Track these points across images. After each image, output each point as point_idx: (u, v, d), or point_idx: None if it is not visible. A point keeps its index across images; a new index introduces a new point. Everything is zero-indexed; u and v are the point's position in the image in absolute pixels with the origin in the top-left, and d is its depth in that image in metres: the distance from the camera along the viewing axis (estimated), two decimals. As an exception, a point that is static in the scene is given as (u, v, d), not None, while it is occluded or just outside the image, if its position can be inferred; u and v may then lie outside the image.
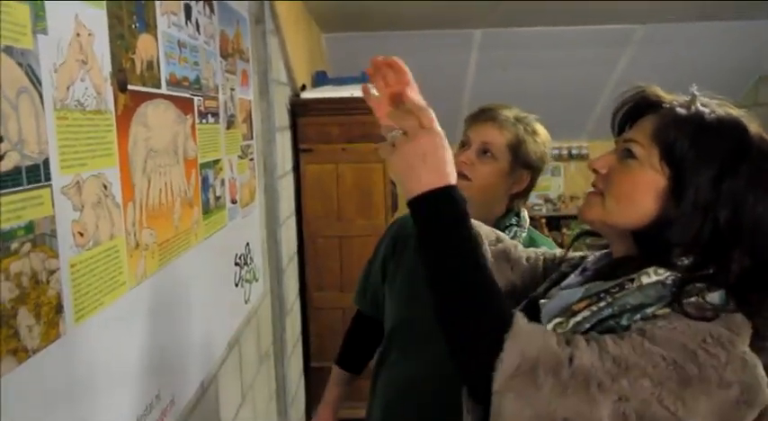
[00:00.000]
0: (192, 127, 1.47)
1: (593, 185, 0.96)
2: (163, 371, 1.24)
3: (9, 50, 0.75)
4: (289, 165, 3.05)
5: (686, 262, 0.87)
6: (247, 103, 2.10)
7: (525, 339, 0.82)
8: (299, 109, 3.07)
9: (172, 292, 1.31)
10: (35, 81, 0.81)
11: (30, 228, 0.78)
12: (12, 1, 0.76)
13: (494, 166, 1.46)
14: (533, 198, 6.21)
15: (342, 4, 3.74)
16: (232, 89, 1.88)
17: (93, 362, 0.95)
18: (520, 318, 0.83)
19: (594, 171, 0.96)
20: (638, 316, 0.86)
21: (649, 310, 0.86)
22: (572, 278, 1.00)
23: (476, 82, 5.14)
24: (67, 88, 0.89)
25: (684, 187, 0.87)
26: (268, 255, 2.45)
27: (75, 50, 0.92)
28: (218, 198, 1.69)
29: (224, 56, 1.79)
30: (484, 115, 1.49)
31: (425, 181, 0.87)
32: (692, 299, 0.85)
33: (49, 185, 0.83)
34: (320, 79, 3.77)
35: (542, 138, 1.50)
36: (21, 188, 0.76)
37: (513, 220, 1.51)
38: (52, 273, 0.83)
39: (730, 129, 0.89)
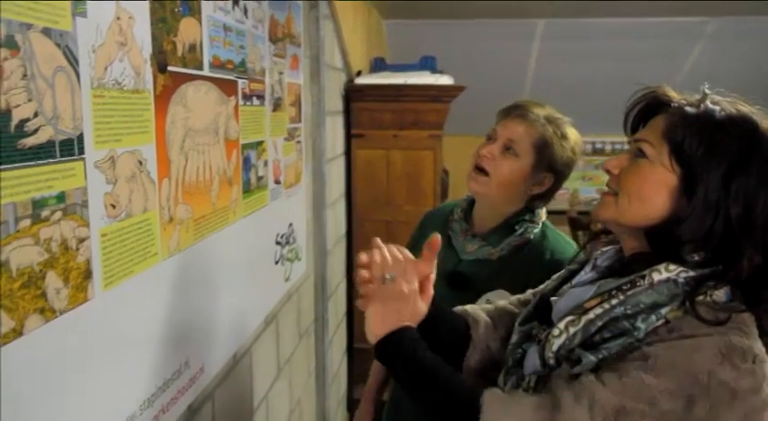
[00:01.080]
0: (235, 108, 1.52)
1: (607, 185, 0.97)
2: (193, 340, 1.30)
3: (47, 31, 0.80)
4: (340, 149, 3.09)
5: (697, 258, 0.87)
6: (297, 87, 2.14)
7: (496, 418, 0.87)
8: (352, 94, 3.11)
9: (206, 266, 1.36)
10: (72, 60, 0.86)
11: (61, 197, 0.84)
12: (52, -15, 0.81)
13: (515, 164, 1.45)
14: (594, 193, 6.09)
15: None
16: (280, 73, 1.93)
17: (121, 326, 1.01)
18: (487, 402, 0.88)
19: (608, 171, 0.96)
20: (653, 317, 0.86)
21: (663, 311, 0.86)
22: (582, 275, 1.00)
23: (537, 72, 5.08)
24: (105, 68, 0.94)
25: (695, 185, 0.87)
26: (313, 237, 2.50)
27: (115, 33, 0.97)
28: (260, 178, 1.74)
29: (273, 40, 1.83)
30: (514, 111, 1.48)
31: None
32: (701, 297, 0.85)
33: (83, 159, 0.88)
34: (378, 65, 3.78)
35: (571, 143, 1.47)
36: (53, 160, 0.82)
37: (527, 216, 1.49)
38: (82, 240, 0.89)
39: (740, 127, 0.88)
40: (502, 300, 1.25)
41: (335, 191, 2.99)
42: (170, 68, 1.16)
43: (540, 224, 1.52)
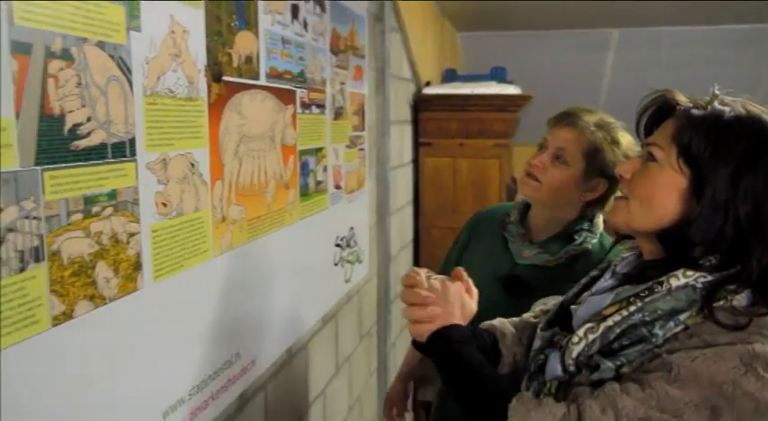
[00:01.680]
0: (293, 116, 1.57)
1: (620, 190, 0.95)
2: (245, 333, 1.35)
3: (101, 44, 0.87)
4: (408, 157, 3.12)
5: (713, 262, 0.85)
6: (360, 97, 2.18)
7: None
8: (420, 104, 3.14)
9: (260, 264, 1.42)
10: (125, 70, 0.92)
11: (112, 195, 0.90)
12: (108, 2, 0.88)
13: (565, 172, 1.42)
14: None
15: (476, 5, 3.75)
16: (342, 83, 1.97)
17: (170, 315, 1.07)
18: (515, 407, 0.89)
19: (620, 176, 0.94)
20: (671, 324, 0.84)
21: (682, 317, 0.84)
22: (602, 282, 0.99)
23: (612, 81, 4.94)
24: (158, 78, 1.00)
25: (704, 186, 0.85)
26: (376, 241, 2.54)
27: (169, 45, 1.03)
28: (318, 182, 1.79)
29: (334, 52, 1.88)
30: (564, 119, 1.45)
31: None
32: (721, 302, 0.82)
33: (134, 160, 0.95)
34: (449, 76, 3.79)
35: (623, 148, 1.43)
36: (105, 161, 0.88)
37: (585, 225, 1.46)
38: (132, 235, 0.95)
39: (747, 126, 0.86)
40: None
41: (402, 197, 3.02)
42: (225, 78, 1.22)
43: (598, 234, 1.49)
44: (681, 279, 0.85)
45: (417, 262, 3.28)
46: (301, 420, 1.77)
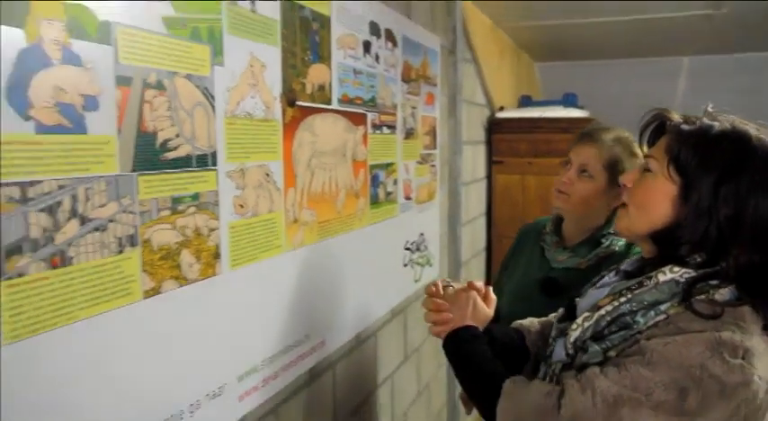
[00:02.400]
0: (364, 136, 1.65)
1: (623, 198, 0.96)
2: (314, 317, 1.44)
3: (189, 77, 0.98)
4: (482, 173, 3.14)
5: (699, 260, 0.85)
6: (431, 120, 2.24)
7: (512, 402, 0.91)
8: (493, 126, 3.15)
9: (329, 260, 1.50)
10: (209, 97, 1.03)
11: (196, 196, 1.01)
12: (196, 44, 0.99)
13: (591, 184, 1.43)
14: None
15: (550, 38, 3.73)
16: (413, 107, 2.04)
17: (245, 297, 1.16)
18: (507, 387, 0.94)
19: (623, 186, 0.96)
20: (652, 313, 0.85)
21: (663, 307, 0.85)
22: (606, 279, 1.01)
23: (684, 108, 4.72)
24: (237, 103, 1.11)
25: (690, 191, 0.86)
26: (447, 248, 2.57)
27: (248, 77, 1.13)
28: (388, 193, 1.86)
29: (406, 80, 1.95)
30: (584, 138, 1.47)
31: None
32: (703, 296, 0.83)
33: (215, 169, 1.05)
34: (524, 102, 3.78)
35: (641, 159, 1.41)
36: (189, 169, 0.99)
37: (612, 230, 1.45)
38: (213, 230, 1.05)
39: (731, 140, 0.87)
40: None
41: (475, 210, 3.04)
42: (298, 103, 1.32)
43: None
44: (667, 274, 0.86)
45: (489, 267, 3.28)
46: (369, 398, 1.83)
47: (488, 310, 1.16)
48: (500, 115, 3.16)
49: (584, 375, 0.85)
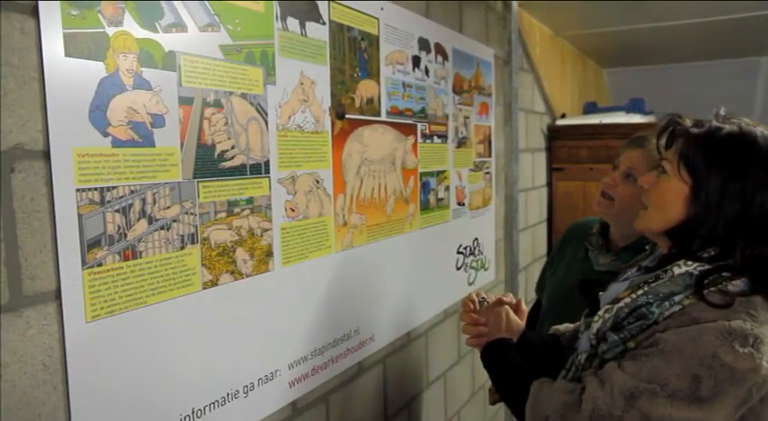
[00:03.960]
0: (414, 145, 1.75)
1: (642, 199, 1.01)
2: (363, 313, 1.54)
3: (244, 95, 1.11)
4: (542, 180, 3.15)
5: (712, 253, 0.90)
6: (486, 129, 2.30)
7: (538, 401, 0.98)
8: (553, 134, 3.16)
9: (379, 261, 1.60)
10: (262, 113, 1.16)
11: (250, 201, 1.13)
12: (250, 66, 1.12)
13: (635, 189, 1.41)
14: None
15: (615, 45, 3.69)
16: (466, 117, 2.11)
17: (296, 292, 1.28)
18: (534, 387, 1.00)
19: (642, 187, 1.00)
20: (667, 303, 0.89)
21: (677, 298, 0.89)
22: (627, 274, 1.05)
23: (764, 108, 4.52)
24: (289, 117, 1.23)
25: (700, 190, 0.91)
26: (503, 253, 2.62)
27: (298, 93, 1.26)
28: (440, 199, 1.94)
29: (457, 92, 2.03)
30: (633, 142, 1.47)
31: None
32: (716, 288, 0.87)
33: (268, 177, 1.17)
34: (589, 108, 3.75)
35: None
36: (244, 176, 1.11)
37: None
38: (266, 230, 1.18)
39: (737, 140, 0.92)
40: None
41: (536, 216, 3.06)
42: (348, 116, 1.43)
43: None
44: (682, 267, 0.91)
45: (552, 274, 3.27)
46: (420, 395, 1.91)
47: (520, 322, 1.23)
48: (560, 122, 3.17)
49: (602, 371, 0.91)
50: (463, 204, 2.13)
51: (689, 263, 0.91)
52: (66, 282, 0.82)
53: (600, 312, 0.97)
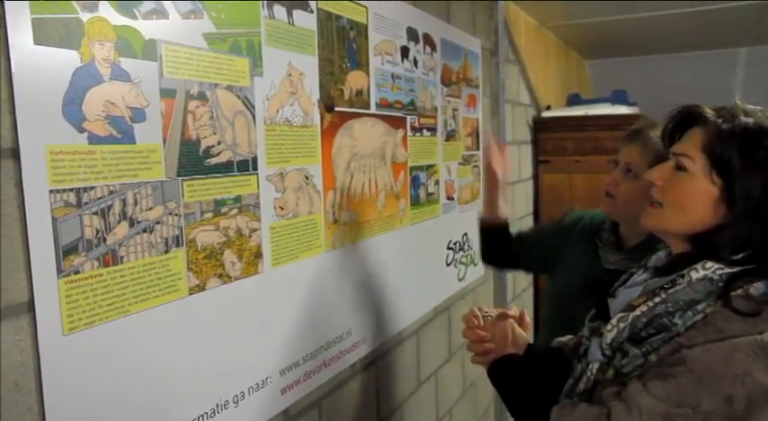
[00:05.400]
0: (404, 138, 1.69)
1: (652, 195, 0.94)
2: (355, 314, 1.48)
3: (230, 87, 1.04)
4: (528, 173, 3.12)
5: (735, 257, 0.84)
6: (473, 121, 2.25)
7: None
8: (539, 126, 3.12)
9: (370, 259, 1.54)
10: (249, 106, 1.09)
11: (237, 199, 1.06)
12: (236, 57, 1.05)
13: (636, 185, 1.37)
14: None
15: (597, 35, 3.66)
16: (455, 110, 2.06)
17: (286, 295, 1.21)
18: (554, 415, 0.93)
19: (651, 183, 0.94)
20: (690, 313, 0.84)
21: (699, 307, 0.84)
22: (635, 277, 0.99)
23: (746, 97, 4.55)
24: (277, 110, 1.16)
25: (734, 194, 0.84)
26: (492, 246, 2.57)
27: (286, 85, 1.19)
28: (430, 194, 1.88)
29: (446, 84, 1.97)
30: (629, 137, 1.42)
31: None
32: (738, 291, 0.82)
33: (256, 174, 1.11)
34: (572, 100, 3.73)
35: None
36: (231, 173, 1.05)
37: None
38: (254, 231, 1.11)
39: None
40: None
41: (522, 209, 3.02)
42: (337, 109, 1.36)
43: None
44: (700, 271, 0.85)
45: (538, 267, 3.25)
46: (413, 395, 1.86)
47: (525, 335, 1.18)
48: (545, 114, 3.14)
49: (627, 393, 0.84)
50: (452, 199, 2.08)
51: (707, 265, 0.85)
52: (39, 292, 0.75)
53: (613, 321, 0.91)
